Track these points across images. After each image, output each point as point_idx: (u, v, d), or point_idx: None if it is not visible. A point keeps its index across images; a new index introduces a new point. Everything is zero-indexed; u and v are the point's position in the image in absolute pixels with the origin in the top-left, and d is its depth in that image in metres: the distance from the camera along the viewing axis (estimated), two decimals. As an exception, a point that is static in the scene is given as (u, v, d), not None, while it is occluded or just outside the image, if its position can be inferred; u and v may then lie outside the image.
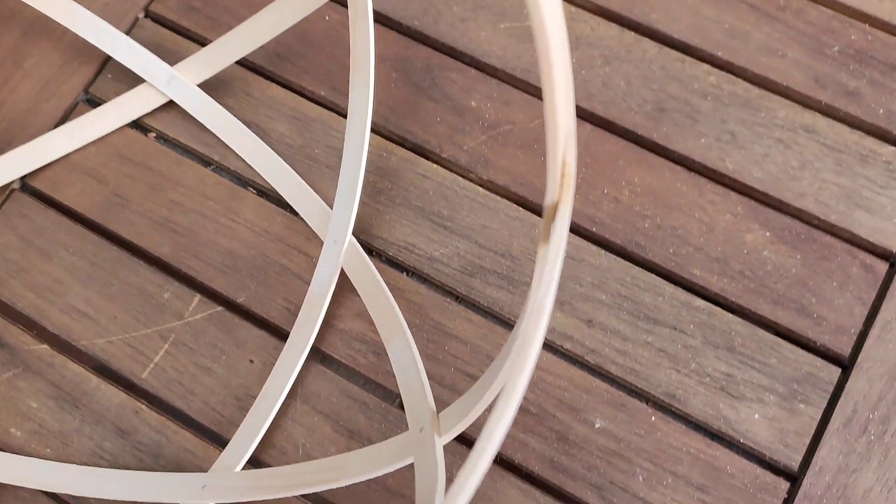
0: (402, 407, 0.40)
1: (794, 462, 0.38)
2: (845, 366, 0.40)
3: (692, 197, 0.43)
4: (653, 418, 0.40)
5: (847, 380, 0.40)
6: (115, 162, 0.46)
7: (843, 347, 0.40)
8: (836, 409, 0.39)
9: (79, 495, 0.40)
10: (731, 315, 0.41)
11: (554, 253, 0.22)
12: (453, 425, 0.31)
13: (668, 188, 0.43)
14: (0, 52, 0.48)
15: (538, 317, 0.22)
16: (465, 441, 0.39)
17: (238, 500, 0.38)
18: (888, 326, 0.40)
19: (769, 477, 0.38)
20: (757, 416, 0.39)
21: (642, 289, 0.42)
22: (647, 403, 0.40)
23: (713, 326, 0.41)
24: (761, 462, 0.39)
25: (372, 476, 0.35)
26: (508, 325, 0.42)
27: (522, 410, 0.40)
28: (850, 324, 0.40)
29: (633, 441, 0.39)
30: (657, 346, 0.41)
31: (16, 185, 0.46)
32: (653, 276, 0.42)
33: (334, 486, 0.36)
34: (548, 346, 0.41)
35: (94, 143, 0.46)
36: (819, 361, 0.40)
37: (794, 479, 0.38)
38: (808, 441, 0.39)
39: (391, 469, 0.34)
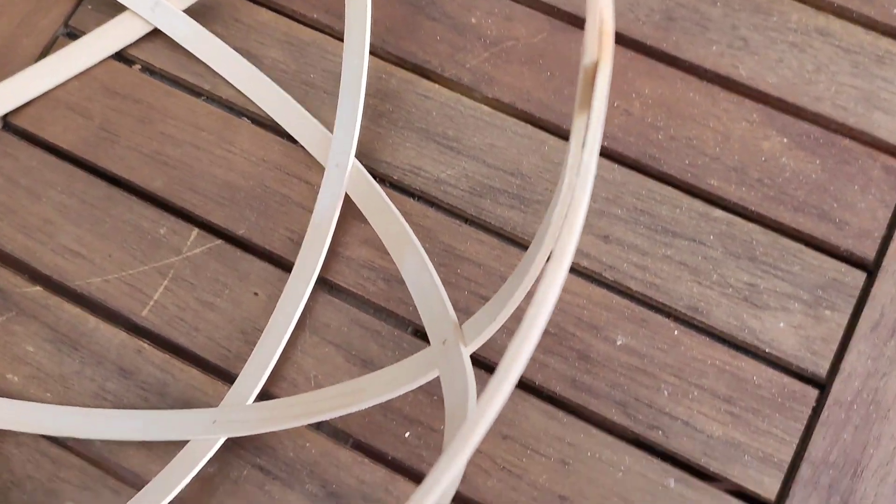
0: (415, 334, 0.39)
1: (822, 369, 0.37)
2: (870, 270, 0.39)
3: (705, 106, 0.41)
4: (675, 332, 0.38)
5: (872, 284, 0.38)
6: (101, 96, 0.43)
7: (868, 251, 0.39)
8: (862, 314, 0.38)
9: (84, 437, 0.38)
10: (751, 224, 0.39)
11: (597, 116, 0.20)
12: (477, 334, 0.30)
13: (681, 98, 0.41)
14: (-27, -13, 0.45)
15: (584, 181, 0.20)
16: (485, 366, 0.37)
17: (251, 433, 0.36)
18: (913, 228, 0.39)
19: (797, 385, 0.37)
20: (782, 324, 0.38)
21: (659, 202, 0.40)
22: (668, 318, 0.38)
23: (733, 236, 0.39)
24: (788, 371, 0.38)
25: (394, 395, 0.33)
26: (521, 245, 0.40)
27: (540, 331, 0.39)
28: (873, 227, 0.39)
29: (656, 356, 0.38)
30: (677, 259, 0.39)
31: (-4, 125, 0.44)
32: (669, 188, 0.40)
33: (354, 409, 0.34)
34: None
35: (76, 77, 0.44)
36: (843, 267, 0.39)
37: (823, 386, 0.37)
38: (835, 347, 0.38)
39: (414, 386, 0.33)
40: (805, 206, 0.39)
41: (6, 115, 0.43)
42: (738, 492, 0.36)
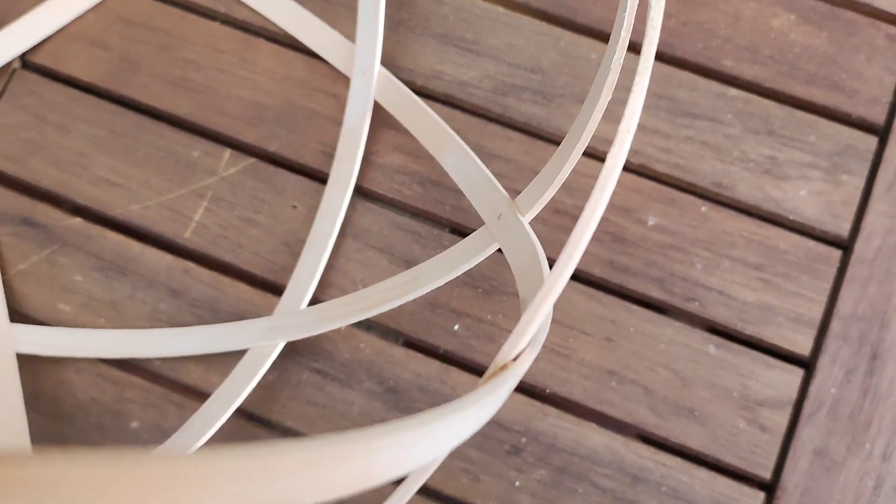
0: (453, 232, 0.40)
1: (844, 230, 0.39)
2: (882, 134, 0.40)
3: (713, -10, 0.42)
4: (703, 209, 0.39)
5: (885, 147, 0.40)
6: (117, 27, 0.43)
7: (878, 117, 0.40)
8: (877, 176, 0.39)
9: (146, 357, 0.38)
10: (766, 100, 0.41)
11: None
12: (533, 203, 0.31)
13: (688, -15, 0.42)
14: (-28, -72, 0.44)
15: (652, 38, 0.21)
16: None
17: (309, 335, 0.37)
18: (919, 91, 0.40)
19: (821, 248, 0.39)
20: (803, 192, 0.39)
21: (676, 86, 0.41)
22: (695, 196, 0.40)
23: (751, 113, 0.40)
24: (812, 235, 0.39)
25: (453, 276, 0.34)
26: (547, 138, 0.41)
27: (573, 217, 0.40)
28: (881, 94, 0.40)
29: (686, 233, 0.39)
30: (698, 139, 0.40)
31: (16, 65, 0.43)
32: (685, 72, 0.41)
33: (412, 296, 0.35)
34: (589, 154, 0.40)
35: (91, 10, 0.43)
36: (856, 133, 0.40)
37: (846, 246, 0.39)
38: (854, 209, 0.39)
39: (475, 262, 0.34)
40: (816, 79, 0.41)
41: (24, 56, 0.43)
42: (774, 351, 0.38)
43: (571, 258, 0.20)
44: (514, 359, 0.21)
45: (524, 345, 0.21)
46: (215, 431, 0.36)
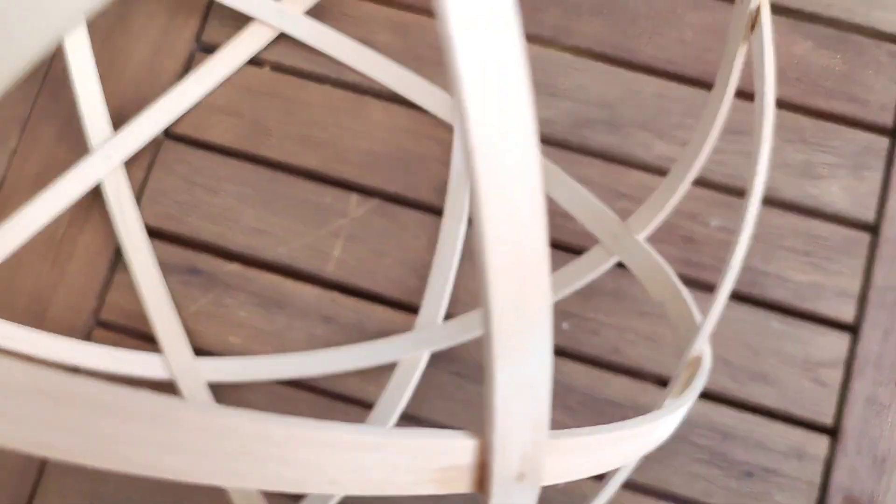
0: (556, 247, 0.47)
1: (871, 217, 0.47)
2: (893, 134, 0.48)
3: (743, 25, 0.50)
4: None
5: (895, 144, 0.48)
6: (245, 97, 0.50)
7: (888, 120, 0.48)
8: (893, 169, 0.47)
9: (315, 374, 0.45)
10: (797, 114, 0.48)
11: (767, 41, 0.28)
12: (645, 225, 0.38)
13: (723, 22, 0.50)
14: (107, 23, 0.50)
15: (769, 103, 0.28)
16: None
17: (451, 344, 0.44)
18: (920, 97, 0.48)
19: (854, 233, 0.47)
20: (835, 188, 0.47)
21: (722, 109, 0.48)
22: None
23: (786, 126, 0.48)
24: (846, 223, 0.47)
25: (577, 287, 0.41)
26: (621, 163, 0.48)
27: (673, 234, 0.47)
28: (889, 100, 0.48)
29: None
30: (745, 151, 0.48)
31: (160, 137, 0.49)
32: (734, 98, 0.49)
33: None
34: (655, 170, 0.48)
35: (221, 85, 0.50)
36: (872, 135, 0.48)
37: (874, 229, 0.47)
38: (877, 198, 0.47)
39: (597, 274, 0.41)
40: (835, 93, 0.48)
41: (167, 129, 0.49)
42: (825, 320, 0.46)
43: (732, 271, 0.28)
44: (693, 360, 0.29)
45: (705, 346, 0.29)
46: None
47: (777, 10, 0.50)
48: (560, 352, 0.46)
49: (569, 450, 0.19)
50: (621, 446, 0.22)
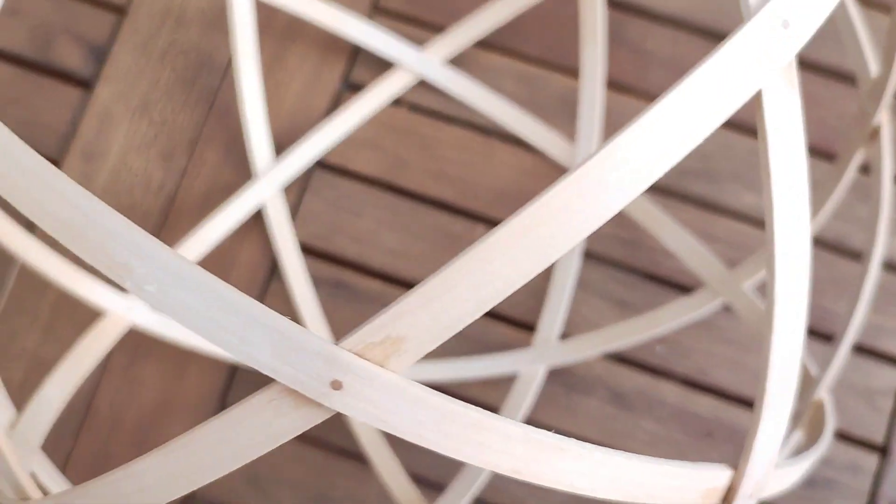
0: (650, 279, 0.54)
1: (928, 268, 0.53)
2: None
3: (824, 93, 0.56)
4: (828, 256, 0.54)
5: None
6: (386, 133, 0.56)
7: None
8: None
9: (444, 380, 0.52)
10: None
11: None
12: (751, 275, 0.45)
13: (813, 95, 0.56)
14: (266, 60, 0.56)
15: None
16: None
17: (568, 362, 0.51)
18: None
19: (912, 281, 0.53)
20: (898, 241, 0.54)
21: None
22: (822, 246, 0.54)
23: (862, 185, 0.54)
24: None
25: (685, 322, 0.48)
26: (717, 211, 0.55)
27: (737, 266, 0.54)
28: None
29: (821, 275, 0.53)
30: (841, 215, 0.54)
31: (312, 166, 0.56)
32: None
33: (651, 336, 0.49)
34: (744, 217, 0.54)
35: (367, 122, 0.56)
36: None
37: (929, 279, 0.53)
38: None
39: (703, 312, 0.48)
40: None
41: (317, 159, 0.55)
42: (883, 356, 0.53)
43: (851, 334, 0.35)
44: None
45: (826, 397, 0.35)
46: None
47: (853, 80, 0.56)
48: (655, 371, 0.53)
49: (777, 478, 0.25)
50: (788, 475, 0.28)
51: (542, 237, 0.19)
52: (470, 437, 0.20)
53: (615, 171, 0.19)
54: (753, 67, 0.19)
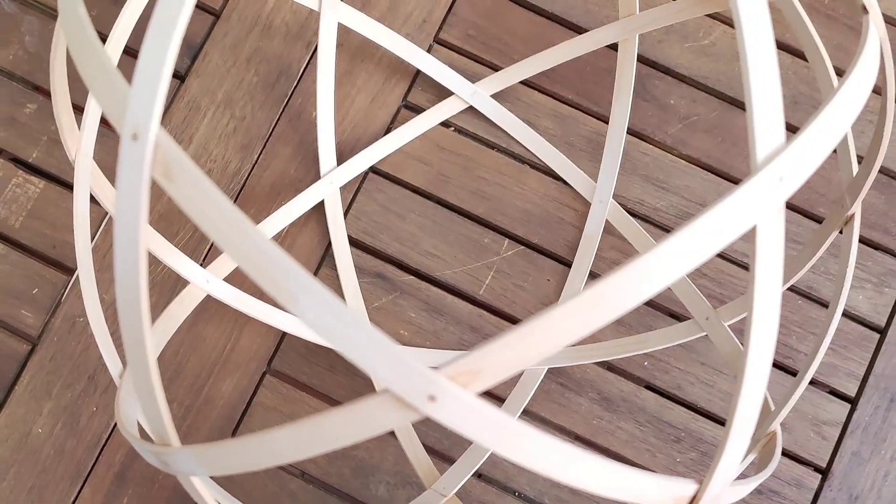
0: (652, 307, 0.61)
1: (882, 322, 0.61)
2: (909, 264, 0.62)
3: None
4: (799, 302, 0.61)
5: None
6: (434, 150, 0.63)
7: None
8: (905, 290, 0.61)
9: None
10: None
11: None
12: (733, 316, 0.52)
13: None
14: (338, 74, 0.63)
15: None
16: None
17: (566, 364, 0.58)
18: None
19: (867, 332, 0.61)
20: (861, 296, 0.61)
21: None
22: (794, 293, 0.61)
23: (834, 244, 0.62)
24: (863, 322, 0.61)
25: (668, 345, 0.56)
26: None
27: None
28: (912, 238, 0.62)
29: (791, 317, 0.61)
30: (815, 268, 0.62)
31: (367, 171, 0.62)
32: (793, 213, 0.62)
33: (640, 352, 0.56)
34: (733, 261, 0.62)
35: (417, 138, 0.63)
36: (895, 261, 0.62)
37: (883, 331, 0.61)
38: (890, 309, 0.61)
39: (685, 339, 0.55)
40: (875, 225, 0.62)
41: (373, 165, 0.62)
42: (834, 391, 0.60)
43: (810, 373, 0.42)
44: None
45: (778, 428, 0.43)
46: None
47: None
48: (638, 381, 0.60)
49: (731, 493, 0.33)
50: (740, 492, 0.36)
51: (579, 323, 0.25)
52: (516, 442, 0.27)
53: (641, 280, 0.25)
54: (752, 210, 0.26)
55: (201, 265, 0.55)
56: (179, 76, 0.63)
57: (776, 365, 0.60)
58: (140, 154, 0.26)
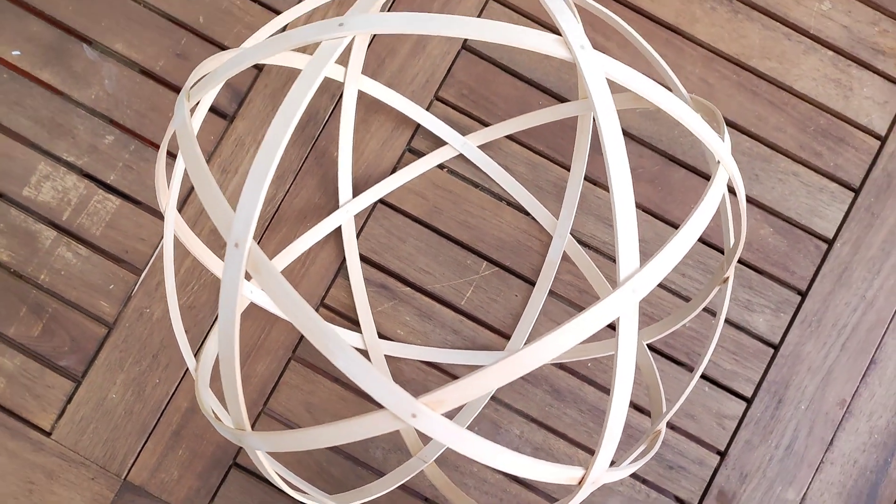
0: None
1: (776, 340, 0.78)
2: (803, 295, 0.79)
3: (734, 209, 0.79)
4: (711, 320, 0.78)
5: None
6: (430, 186, 0.79)
7: (803, 286, 0.79)
8: (797, 316, 0.78)
9: (444, 362, 0.76)
10: (752, 271, 0.79)
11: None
12: (653, 336, 0.69)
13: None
14: (356, 123, 0.79)
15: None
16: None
17: (543, 363, 0.75)
18: (824, 276, 0.79)
19: (764, 347, 0.78)
20: (760, 319, 0.78)
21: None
22: (708, 311, 0.78)
23: (743, 276, 0.78)
24: (761, 340, 0.78)
25: (596, 356, 0.73)
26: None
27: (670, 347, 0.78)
28: (807, 274, 0.79)
29: (704, 333, 0.78)
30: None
31: (376, 202, 0.79)
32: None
33: (583, 357, 0.73)
34: (668, 290, 0.78)
35: (418, 176, 0.79)
36: (791, 293, 0.79)
37: (777, 347, 0.78)
38: (783, 330, 0.78)
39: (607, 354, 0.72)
40: (777, 263, 0.79)
41: (381, 198, 0.79)
42: (735, 393, 0.78)
43: (693, 381, 0.59)
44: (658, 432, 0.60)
45: (663, 427, 0.60)
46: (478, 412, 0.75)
47: (755, 203, 0.79)
48: (583, 378, 0.78)
49: (609, 476, 0.50)
50: (617, 475, 0.53)
51: (498, 379, 0.42)
52: (465, 443, 0.44)
53: (541, 353, 0.42)
54: (613, 312, 0.43)
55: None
56: (228, 118, 0.79)
57: (684, 365, 0.78)
58: (239, 257, 0.43)
